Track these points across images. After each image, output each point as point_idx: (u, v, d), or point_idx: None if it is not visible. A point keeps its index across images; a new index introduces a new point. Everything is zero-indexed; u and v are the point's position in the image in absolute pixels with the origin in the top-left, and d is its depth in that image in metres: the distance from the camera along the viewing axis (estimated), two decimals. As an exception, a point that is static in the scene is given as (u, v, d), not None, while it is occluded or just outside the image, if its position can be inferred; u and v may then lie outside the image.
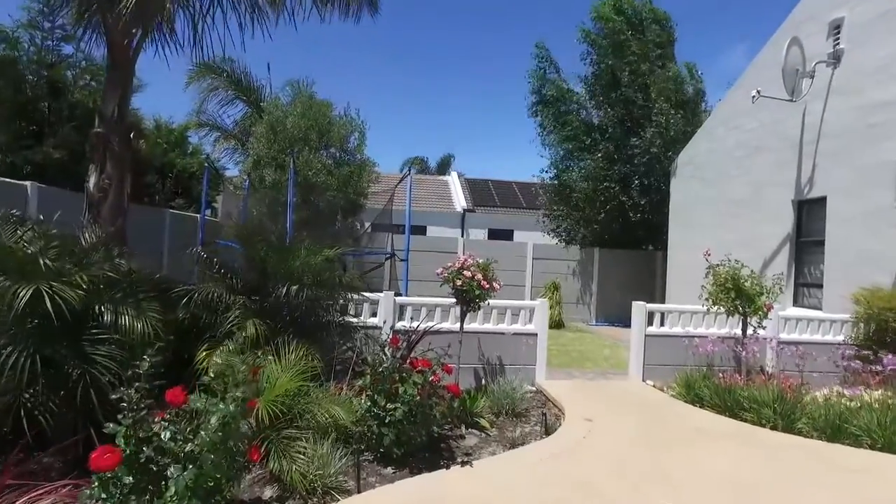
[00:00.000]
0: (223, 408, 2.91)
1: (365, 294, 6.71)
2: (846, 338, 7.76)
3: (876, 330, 7.43)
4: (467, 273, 5.97)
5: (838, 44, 9.05)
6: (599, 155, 15.17)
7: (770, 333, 7.42)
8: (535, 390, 6.85)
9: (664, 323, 7.74)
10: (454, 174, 27.61)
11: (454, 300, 6.35)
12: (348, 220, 14.82)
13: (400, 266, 13.57)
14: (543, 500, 3.82)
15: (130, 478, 2.86)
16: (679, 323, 7.71)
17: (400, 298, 7.14)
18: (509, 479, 4.22)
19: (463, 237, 20.59)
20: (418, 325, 6.40)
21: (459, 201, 24.49)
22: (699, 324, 7.67)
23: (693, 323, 7.69)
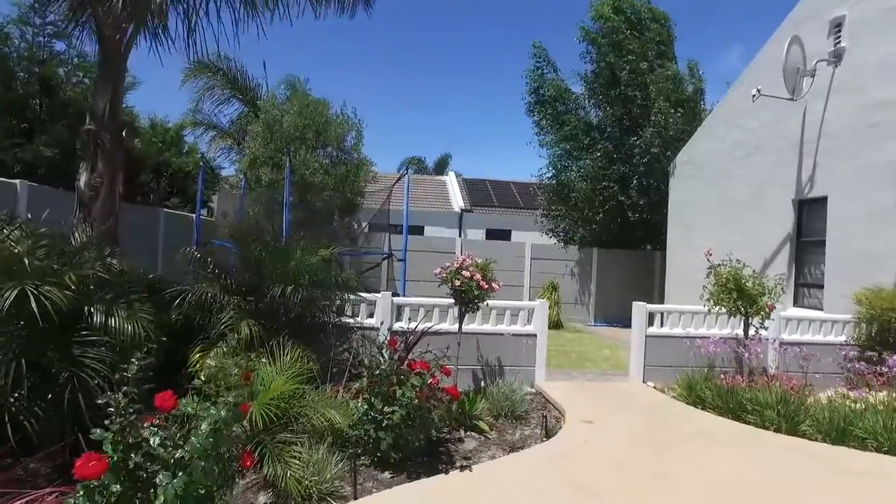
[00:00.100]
0: (214, 413, 2.79)
1: (362, 294, 6.61)
2: (848, 338, 7.69)
3: (878, 330, 7.37)
4: (466, 273, 5.87)
5: (839, 42, 8.99)
6: (598, 154, 15.09)
7: (772, 334, 7.34)
8: (535, 392, 6.76)
9: (664, 323, 7.66)
10: (452, 174, 27.51)
11: (452, 301, 6.26)
12: (345, 220, 14.71)
13: (397, 266, 13.47)
14: (545, 506, 3.73)
15: (118, 486, 2.74)
16: (680, 323, 7.62)
17: (398, 299, 7.04)
18: (509, 484, 4.13)
19: (461, 237, 20.50)
20: (416, 325, 6.30)
21: (457, 201, 24.39)
22: (700, 324, 7.59)
23: (694, 323, 7.61)
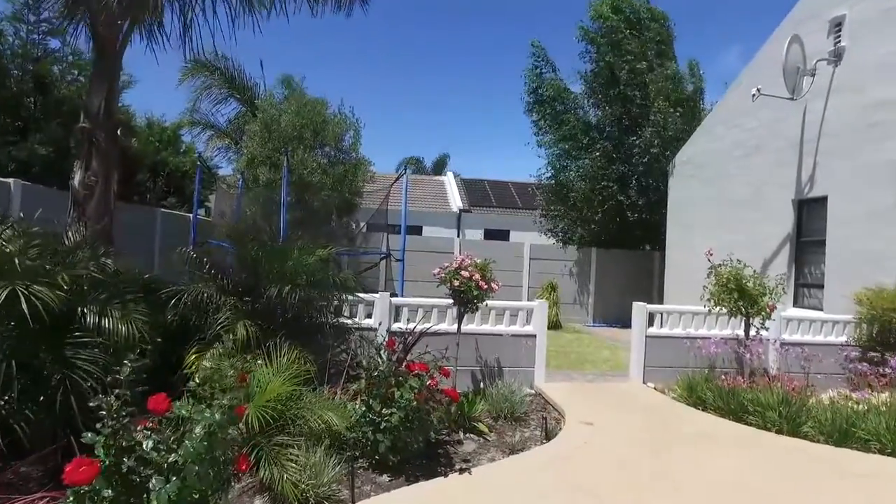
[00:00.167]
0: (208, 416, 2.73)
1: (360, 295, 6.54)
2: (849, 339, 7.66)
3: (879, 331, 7.34)
4: (465, 273, 5.82)
5: (839, 41, 8.96)
6: (597, 154, 15.04)
7: (772, 335, 7.29)
8: (535, 393, 6.71)
9: (664, 324, 7.60)
10: (450, 174, 27.44)
11: (451, 301, 6.20)
12: (343, 220, 14.64)
13: (396, 266, 13.40)
14: (546, 509, 3.68)
15: (110, 491, 2.68)
16: (680, 324, 7.57)
17: (396, 299, 6.98)
18: (509, 487, 4.07)
19: (459, 237, 20.44)
20: (415, 326, 6.23)
21: (455, 201, 24.33)
22: (700, 325, 7.54)
23: (694, 324, 7.56)
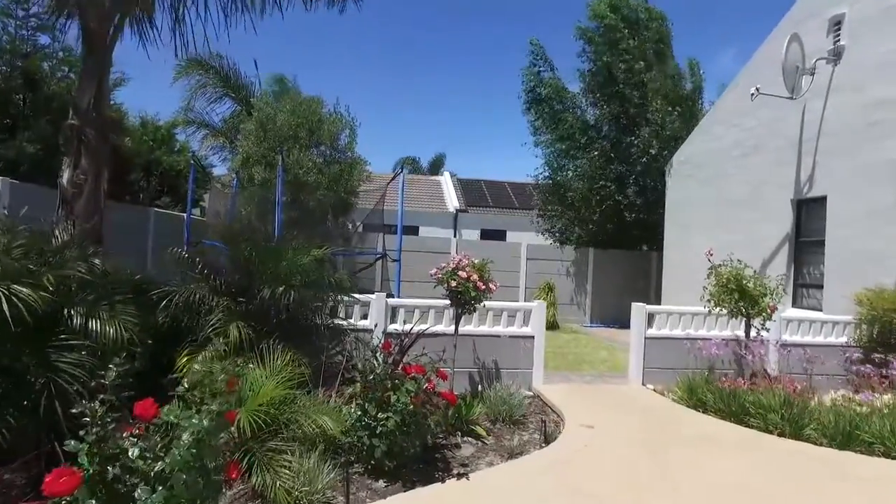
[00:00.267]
0: (196, 422, 2.62)
1: (356, 296, 6.43)
2: (849, 339, 7.59)
3: (880, 331, 7.26)
4: (462, 274, 5.72)
5: (839, 40, 8.90)
6: (595, 154, 14.97)
7: (773, 335, 7.22)
8: (533, 395, 6.61)
9: (664, 325, 7.51)
10: (447, 174, 27.34)
11: (448, 302, 6.10)
12: (339, 220, 14.52)
13: (392, 267, 13.29)
14: (546, 516, 3.58)
15: (93, 502, 2.57)
16: (680, 325, 7.49)
17: (392, 300, 6.88)
18: (508, 492, 3.97)
19: (456, 237, 20.34)
20: (411, 327, 6.12)
21: (452, 201, 24.23)
22: (700, 326, 7.46)
23: (694, 325, 7.47)
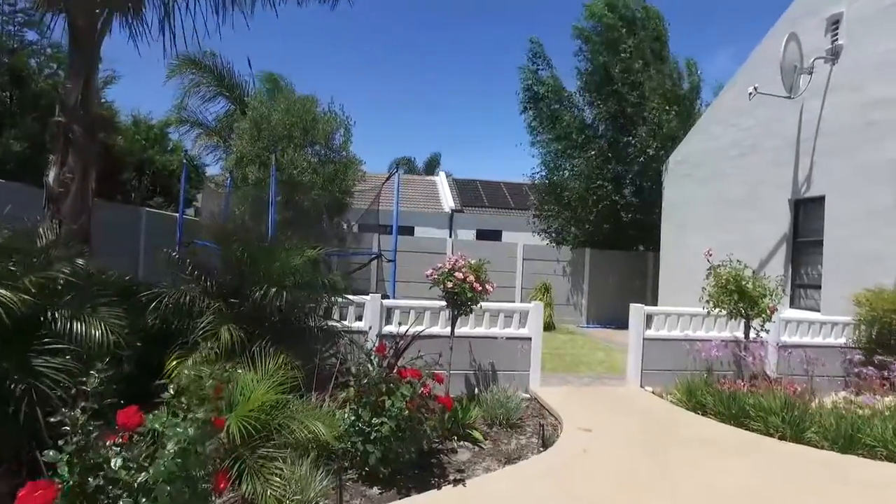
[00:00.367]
0: (181, 431, 2.51)
1: (350, 297, 6.32)
2: (848, 340, 7.53)
3: (879, 332, 7.20)
4: (459, 275, 5.62)
5: (837, 39, 8.85)
6: (592, 153, 14.90)
7: (772, 337, 7.15)
8: (530, 398, 6.51)
9: (660, 326, 7.43)
10: (442, 174, 27.24)
11: (444, 303, 6.00)
12: (334, 220, 14.39)
13: (387, 267, 13.18)
14: (545, 525, 3.49)
15: (73, 514, 2.45)
16: (678, 326, 7.41)
17: (387, 301, 6.77)
18: (506, 499, 3.87)
19: (451, 238, 20.24)
20: (407, 329, 6.02)
21: (447, 201, 24.14)
22: (698, 327, 7.38)
23: (692, 326, 7.40)
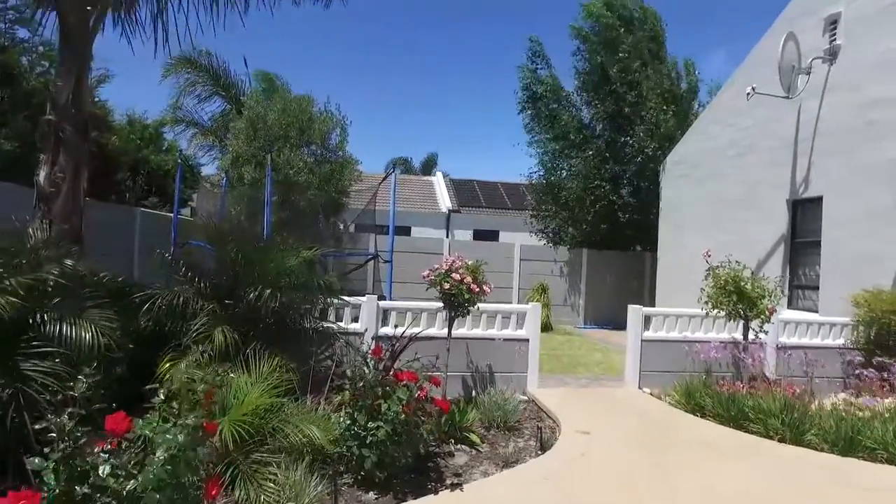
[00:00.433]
0: (170, 438, 2.44)
1: (346, 298, 6.26)
2: (846, 341, 7.50)
3: (877, 333, 7.17)
4: (456, 276, 5.56)
5: (835, 39, 8.83)
6: (590, 153, 14.86)
7: (770, 338, 7.11)
8: (528, 400, 6.46)
9: (658, 327, 7.39)
10: (439, 174, 27.15)
11: (441, 305, 5.94)
12: (330, 220, 14.31)
13: (384, 268, 13.11)
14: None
15: (59, 523, 2.38)
16: (676, 327, 7.36)
17: (383, 303, 6.71)
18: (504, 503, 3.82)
19: (448, 238, 20.18)
20: (403, 330, 5.96)
21: (444, 202, 24.06)
22: (697, 328, 7.33)
23: (691, 327, 7.35)
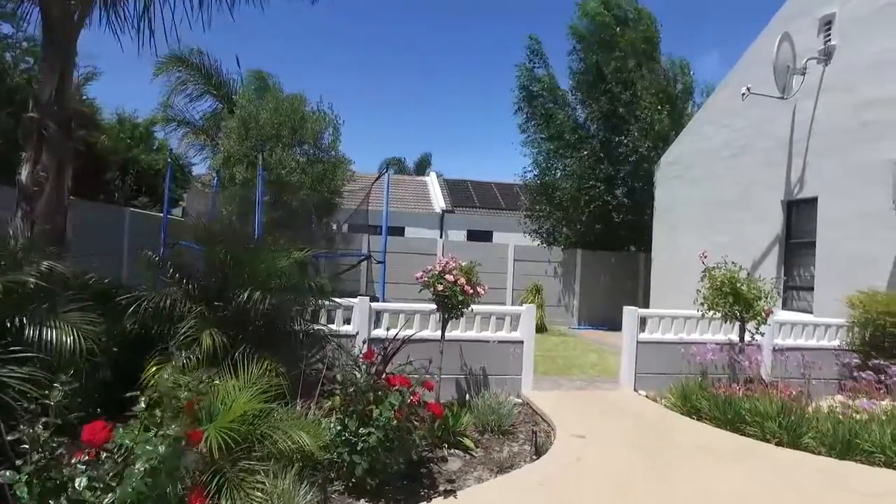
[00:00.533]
0: (151, 449, 2.34)
1: (337, 300, 6.14)
2: (841, 343, 7.48)
3: (872, 334, 7.15)
4: (449, 277, 5.47)
5: (829, 40, 8.81)
6: (585, 153, 14.82)
7: (766, 339, 7.06)
8: (522, 402, 6.37)
9: (654, 328, 7.32)
10: (433, 174, 27.08)
11: (434, 306, 5.84)
12: (322, 221, 14.19)
13: (377, 269, 13.00)
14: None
15: (32, 539, 2.27)
16: (672, 329, 7.30)
17: (376, 305, 6.59)
18: (499, 513, 3.72)
19: (442, 238, 20.08)
20: (396, 333, 5.86)
21: (438, 202, 23.98)
22: (692, 329, 7.28)
23: (686, 329, 7.29)
